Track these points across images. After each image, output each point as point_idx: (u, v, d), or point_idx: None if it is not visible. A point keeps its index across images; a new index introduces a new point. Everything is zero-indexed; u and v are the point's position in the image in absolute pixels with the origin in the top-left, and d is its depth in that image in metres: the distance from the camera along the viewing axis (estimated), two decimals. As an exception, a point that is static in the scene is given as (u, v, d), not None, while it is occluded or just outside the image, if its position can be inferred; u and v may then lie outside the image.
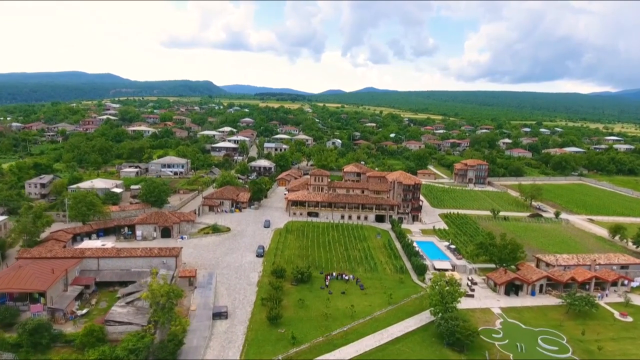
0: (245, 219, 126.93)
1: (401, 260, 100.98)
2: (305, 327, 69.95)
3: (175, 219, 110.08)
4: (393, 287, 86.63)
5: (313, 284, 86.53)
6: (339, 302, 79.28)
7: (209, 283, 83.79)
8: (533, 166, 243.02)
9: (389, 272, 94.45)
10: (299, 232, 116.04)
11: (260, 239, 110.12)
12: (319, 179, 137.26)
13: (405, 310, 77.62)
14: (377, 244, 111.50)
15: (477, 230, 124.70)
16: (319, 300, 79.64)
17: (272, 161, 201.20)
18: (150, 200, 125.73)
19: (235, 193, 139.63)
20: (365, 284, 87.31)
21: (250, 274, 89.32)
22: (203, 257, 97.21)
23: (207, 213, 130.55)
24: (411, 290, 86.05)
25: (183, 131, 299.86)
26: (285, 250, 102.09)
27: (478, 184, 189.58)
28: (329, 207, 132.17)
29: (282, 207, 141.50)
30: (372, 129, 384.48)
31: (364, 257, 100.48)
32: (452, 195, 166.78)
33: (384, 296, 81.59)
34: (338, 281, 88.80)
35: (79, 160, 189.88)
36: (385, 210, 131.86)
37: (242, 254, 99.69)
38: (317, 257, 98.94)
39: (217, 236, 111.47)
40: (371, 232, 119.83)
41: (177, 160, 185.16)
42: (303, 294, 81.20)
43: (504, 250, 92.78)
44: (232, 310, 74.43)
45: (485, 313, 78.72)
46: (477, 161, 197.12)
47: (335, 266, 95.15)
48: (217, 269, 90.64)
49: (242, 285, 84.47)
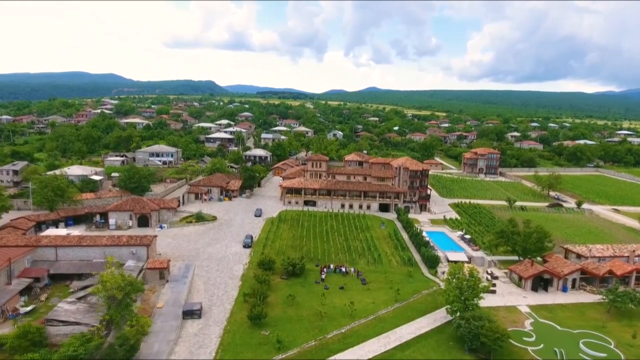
0: (234, 208, 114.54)
1: (409, 251, 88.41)
2: (294, 329, 57.53)
3: (154, 206, 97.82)
4: (400, 281, 74.07)
5: (307, 277, 74.08)
6: (337, 298, 66.81)
7: (184, 276, 71.43)
8: (545, 158, 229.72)
9: (395, 264, 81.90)
10: (293, 221, 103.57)
11: (249, 228, 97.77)
12: (316, 165, 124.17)
13: (416, 309, 65.05)
14: (381, 234, 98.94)
15: (492, 220, 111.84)
16: (312, 296, 67.20)
17: (268, 150, 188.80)
18: (130, 187, 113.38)
19: (224, 180, 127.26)
20: (367, 277, 74.80)
21: (235, 267, 76.99)
22: (182, 247, 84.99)
23: (193, 202, 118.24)
24: (422, 285, 73.44)
25: (178, 123, 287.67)
26: (276, 240, 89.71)
27: (489, 174, 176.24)
28: (327, 195, 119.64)
29: (276, 196, 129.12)
30: (375, 122, 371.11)
31: (366, 248, 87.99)
32: (461, 185, 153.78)
33: (389, 292, 69.04)
34: (336, 274, 76.33)
35: (63, 150, 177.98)
36: (390, 198, 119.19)
37: (227, 245, 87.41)
38: (312, 248, 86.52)
39: (201, 225, 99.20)
40: (374, 221, 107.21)
41: (166, 149, 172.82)
42: (294, 289, 68.77)
43: (528, 239, 79.91)
44: (208, 308, 62.08)
45: (511, 312, 65.99)
46: (488, 149, 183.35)
47: (333, 258, 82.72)
48: (197, 261, 78.35)
49: (223, 279, 72.10)
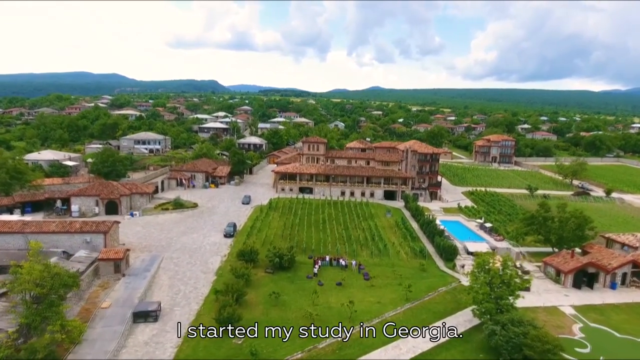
0: (220, 195, 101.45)
1: (420, 241, 74.96)
2: (277, 336, 44.28)
3: (125, 191, 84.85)
4: (411, 276, 60.67)
5: (297, 271, 60.83)
6: (333, 297, 53.53)
7: (146, 270, 58.33)
8: (561, 148, 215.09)
9: (404, 256, 68.47)
10: (285, 208, 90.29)
11: (234, 216, 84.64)
12: (314, 148, 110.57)
13: (433, 310, 51.64)
14: (387, 223, 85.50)
15: (513, 208, 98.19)
16: (302, 294, 53.93)
17: (264, 139, 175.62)
18: (104, 171, 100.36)
19: (211, 166, 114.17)
20: (371, 272, 61.41)
21: (211, 259, 63.84)
22: (151, 237, 71.95)
23: (175, 188, 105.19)
24: (437, 280, 59.99)
25: (172, 115, 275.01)
26: (264, 229, 76.45)
27: (503, 163, 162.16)
28: (325, 181, 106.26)
29: (269, 183, 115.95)
30: (379, 116, 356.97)
31: (369, 238, 74.60)
32: (474, 173, 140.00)
33: (398, 289, 55.66)
34: (333, 268, 63.01)
35: (44, 138, 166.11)
36: (396, 185, 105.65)
37: (205, 234, 74.32)
38: (305, 238, 73.18)
39: (179, 213, 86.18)
40: (379, 210, 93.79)
41: (153, 136, 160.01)
42: (280, 286, 55.54)
43: (565, 225, 66.24)
44: (169, 309, 48.95)
45: (551, 314, 52.45)
46: (502, 136, 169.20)
47: (330, 249, 69.35)
48: (166, 252, 65.28)
49: (194, 273, 58.96)
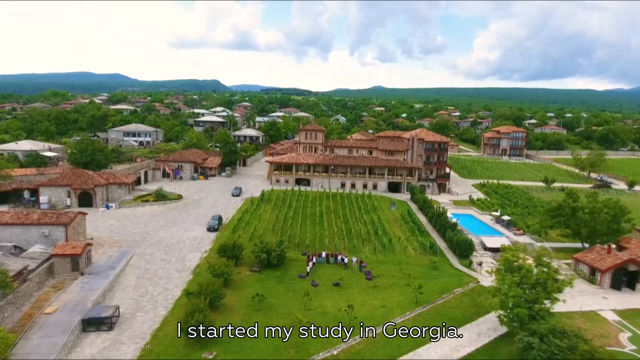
0: (208, 187, 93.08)
1: (429, 236, 66.31)
2: (258, 348, 35.77)
3: (101, 181, 76.48)
4: (421, 275, 52.05)
5: (288, 270, 52.27)
6: (329, 300, 44.93)
7: (111, 268, 49.87)
8: (572, 142, 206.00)
9: (411, 252, 59.84)
10: (279, 200, 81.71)
11: (221, 209, 76.20)
12: (311, 136, 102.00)
13: (448, 316, 42.98)
14: (392, 216, 76.86)
15: (531, 201, 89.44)
16: (292, 296, 45.34)
17: (261, 131, 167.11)
18: (83, 161, 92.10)
19: (201, 156, 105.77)
20: (374, 270, 52.82)
21: (189, 255, 55.35)
22: (125, 230, 63.57)
23: (160, 180, 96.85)
24: (452, 280, 51.34)
25: (168, 109, 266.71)
26: (253, 222, 67.87)
27: (513, 155, 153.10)
28: (324, 172, 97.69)
29: (263, 175, 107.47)
30: (381, 112, 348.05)
31: (372, 232, 65.96)
32: (484, 165, 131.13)
33: (407, 290, 47.04)
34: (330, 266, 54.41)
35: (29, 131, 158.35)
36: (402, 176, 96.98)
37: (187, 228, 65.87)
38: (300, 232, 64.57)
39: (160, 205, 77.79)
40: (382, 202, 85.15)
41: (143, 129, 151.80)
42: (267, 286, 47.01)
43: (598, 217, 57.46)
44: (130, 314, 40.47)
45: (591, 320, 43.69)
46: (512, 128, 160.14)
47: (327, 244, 60.76)
48: (139, 248, 56.89)
49: (168, 271, 50.49)
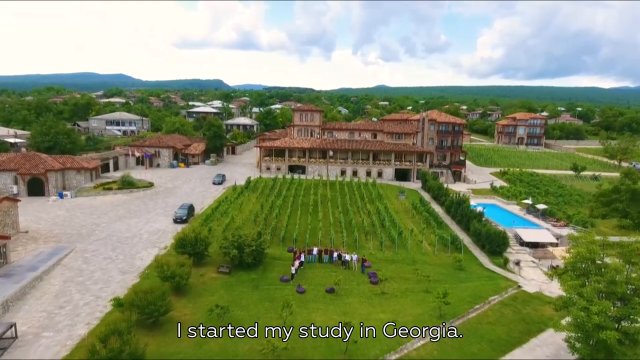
0: (187, 174, 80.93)
1: (448, 228, 53.82)
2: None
3: (55, 165, 64.38)
4: (443, 278, 39.60)
5: (267, 271, 39.86)
6: (318, 313, 32.40)
7: (32, 268, 37.59)
8: (590, 132, 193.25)
9: (428, 248, 47.33)
10: (266, 188, 69.28)
11: (197, 198, 63.97)
12: (306, 117, 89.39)
13: (487, 337, 30.39)
14: (401, 206, 64.39)
15: (563, 189, 76.75)
16: (269, 307, 32.81)
17: (256, 120, 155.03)
18: (44, 146, 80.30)
19: (182, 142, 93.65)
20: (381, 271, 40.24)
21: (143, 252, 43.02)
22: (73, 222, 51.38)
23: (134, 167, 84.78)
24: (485, 285, 38.79)
25: (161, 102, 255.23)
26: (232, 212, 55.46)
27: (531, 145, 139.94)
28: (322, 158, 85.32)
29: (253, 163, 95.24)
30: (385, 105, 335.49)
31: (377, 224, 53.34)
32: (501, 154, 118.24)
33: (426, 299, 34.56)
34: (323, 266, 41.92)
35: (7, 120, 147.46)
36: (410, 162, 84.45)
37: (150, 219, 53.63)
38: (288, 224, 52.07)
39: (126, 194, 65.62)
40: (389, 191, 72.59)
41: (127, 117, 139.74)
42: (236, 294, 34.63)
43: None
44: (35, 334, 28.11)
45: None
46: (530, 114, 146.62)
47: (320, 239, 48.14)
48: (82, 243, 44.69)
49: (108, 273, 38.18)
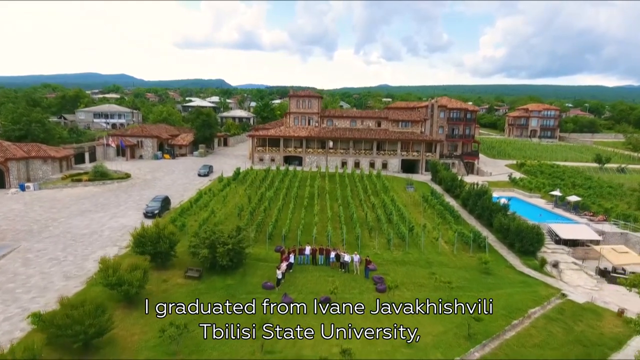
0: (171, 166, 73.34)
1: (466, 224, 45.98)
2: None
3: (19, 153, 56.90)
4: (467, 284, 31.73)
5: (247, 275, 32.05)
6: (307, 341, 24.58)
7: (-48, 272, 30.07)
8: (603, 126, 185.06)
9: (445, 247, 39.50)
10: (257, 180, 61.51)
11: (179, 190, 56.34)
12: (303, 104, 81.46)
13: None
14: (409, 199, 56.59)
15: (591, 180, 68.76)
16: (245, 323, 25.00)
17: (252, 113, 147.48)
18: (15, 134, 72.89)
19: (169, 132, 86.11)
20: (389, 276, 32.35)
21: (99, 252, 35.19)
22: (27, 217, 43.86)
23: (115, 158, 77.20)
24: (521, 293, 30.86)
25: (157, 97, 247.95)
26: (213, 205, 47.70)
27: (544, 137, 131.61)
28: (320, 148, 77.58)
29: (246, 155, 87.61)
30: (388, 102, 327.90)
31: (384, 219, 45.38)
32: (514, 146, 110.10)
33: (446, 312, 26.71)
34: (318, 269, 34.05)
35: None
36: (419, 152, 76.56)
37: (117, 213, 46.00)
38: (278, 219, 44.25)
39: (97, 186, 58.05)
40: (395, 183, 64.69)
41: (117, 109, 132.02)
42: (203, 305, 26.80)
43: None
44: None
45: None
46: (543, 105, 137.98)
47: (315, 236, 40.14)
48: (31, 240, 37.15)
49: (50, 277, 30.46)
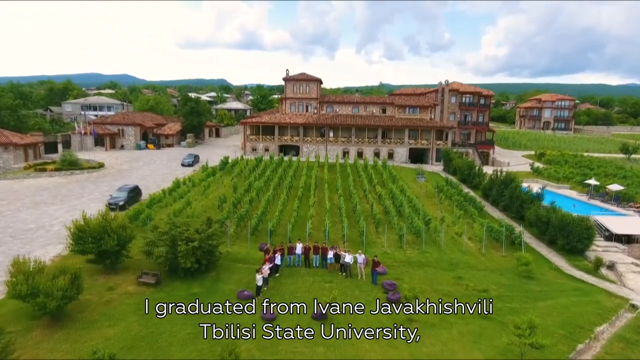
0: (153, 156, 66.10)
1: (492, 217, 38.58)
2: None
3: (-29, 139, 49.73)
4: (507, 292, 24.18)
5: (219, 281, 24.59)
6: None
7: None
8: (617, 120, 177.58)
9: (469, 245, 32.06)
10: (248, 169, 54.16)
11: (156, 181, 49.03)
12: (301, 89, 74.02)
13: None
14: (421, 189, 49.19)
15: (623, 170, 61.26)
16: (207, 352, 17.68)
17: (249, 105, 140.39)
18: (-20, 124, 66.04)
19: (154, 120, 78.87)
20: (403, 281, 24.83)
21: (38, 251, 27.87)
22: (-35, 210, 36.71)
23: (93, 148, 70.00)
24: (578, 304, 23.32)
25: (152, 92, 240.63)
26: (190, 195, 40.35)
27: (559, 129, 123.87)
28: (320, 136, 70.22)
29: (238, 145, 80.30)
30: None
31: (393, 212, 37.86)
32: (529, 137, 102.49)
33: (485, 331, 19.23)
34: (311, 272, 26.54)
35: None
36: (428, 140, 69.13)
37: (76, 205, 38.68)
38: (266, 210, 36.91)
39: (63, 176, 50.85)
40: (404, 174, 57.23)
41: (106, 101, 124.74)
42: (154, 323, 19.40)
43: None
44: None
45: None
46: (557, 96, 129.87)
47: (310, 231, 32.69)
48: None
49: (-41, 284, 23.26)
